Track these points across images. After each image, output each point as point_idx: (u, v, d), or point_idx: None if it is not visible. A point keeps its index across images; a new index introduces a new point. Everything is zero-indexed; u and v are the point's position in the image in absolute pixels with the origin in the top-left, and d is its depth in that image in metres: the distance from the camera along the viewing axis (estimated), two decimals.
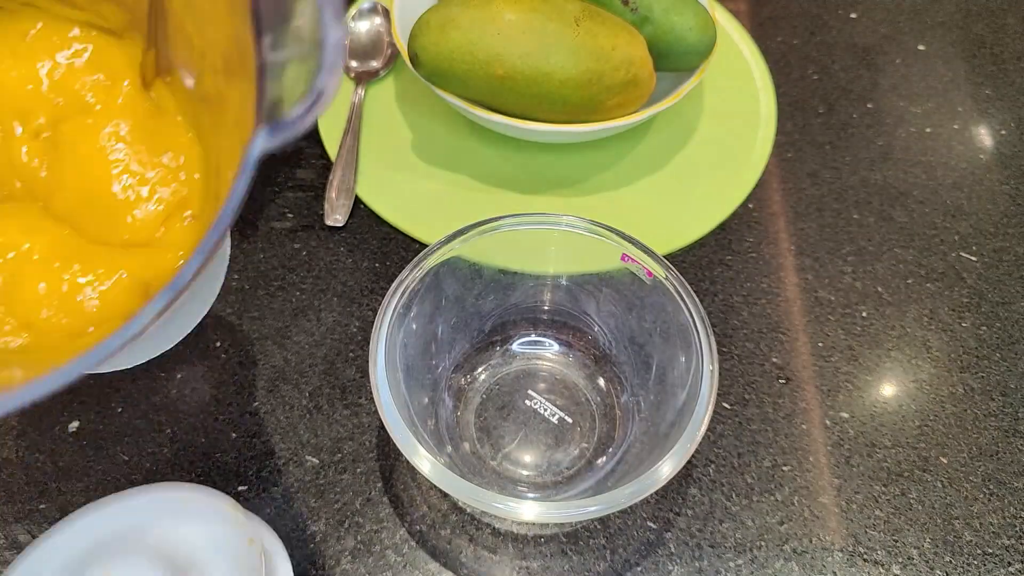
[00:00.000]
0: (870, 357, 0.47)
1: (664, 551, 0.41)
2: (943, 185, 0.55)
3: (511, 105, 0.49)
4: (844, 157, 0.56)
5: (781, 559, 0.40)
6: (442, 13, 0.48)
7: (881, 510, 0.42)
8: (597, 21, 0.48)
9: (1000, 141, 0.57)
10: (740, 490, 0.42)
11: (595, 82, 0.47)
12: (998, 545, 0.41)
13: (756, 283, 0.50)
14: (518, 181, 0.54)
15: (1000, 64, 0.62)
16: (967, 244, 0.52)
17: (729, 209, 0.53)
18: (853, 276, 0.50)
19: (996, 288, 0.50)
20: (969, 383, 0.46)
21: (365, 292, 0.49)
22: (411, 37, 0.49)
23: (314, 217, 0.52)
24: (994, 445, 0.44)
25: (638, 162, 0.55)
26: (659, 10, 0.51)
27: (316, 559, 0.40)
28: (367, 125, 0.56)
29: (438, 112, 0.57)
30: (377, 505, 0.41)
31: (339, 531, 0.41)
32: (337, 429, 0.44)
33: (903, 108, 0.59)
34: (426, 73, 0.49)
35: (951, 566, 0.41)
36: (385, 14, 0.60)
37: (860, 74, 0.61)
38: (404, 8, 0.54)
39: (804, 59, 0.62)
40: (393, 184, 0.53)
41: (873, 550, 0.41)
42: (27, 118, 0.35)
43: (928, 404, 0.46)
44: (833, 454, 0.44)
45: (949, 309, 0.49)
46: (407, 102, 0.58)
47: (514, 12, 0.47)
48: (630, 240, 0.40)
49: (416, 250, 0.51)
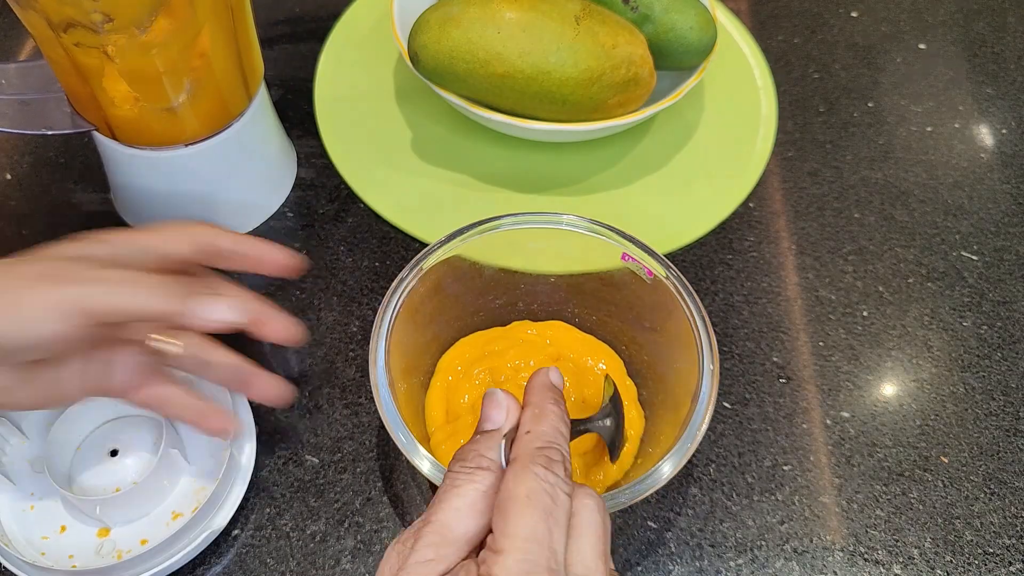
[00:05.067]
0: (871, 356, 0.47)
1: (664, 551, 0.41)
2: (944, 184, 0.55)
3: (511, 104, 0.49)
4: (845, 156, 0.56)
5: (782, 559, 0.40)
6: (442, 11, 0.48)
7: (882, 509, 0.42)
8: (597, 20, 0.48)
9: (1001, 140, 0.57)
10: (740, 490, 0.42)
11: (595, 81, 0.47)
12: (999, 544, 0.41)
13: (757, 282, 0.50)
14: (518, 180, 0.54)
15: (1001, 63, 0.62)
16: (968, 243, 0.52)
17: (729, 208, 0.53)
18: (854, 275, 0.50)
19: (997, 287, 0.50)
20: (970, 382, 0.46)
21: (365, 292, 0.49)
22: (411, 35, 0.49)
23: (314, 217, 0.52)
24: (995, 444, 0.44)
25: (638, 161, 0.55)
26: (659, 9, 0.51)
27: (316, 559, 0.40)
28: (367, 124, 0.56)
29: (438, 111, 0.57)
30: (377, 505, 0.41)
31: (339, 531, 0.41)
32: (337, 429, 0.44)
33: (904, 107, 0.59)
34: (426, 72, 0.49)
35: (952, 565, 0.41)
36: None
37: (861, 73, 0.61)
38: (403, 7, 0.54)
39: (805, 58, 0.62)
40: (393, 183, 0.53)
41: (874, 549, 0.41)
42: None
43: (929, 403, 0.46)
44: (834, 453, 0.44)
45: (950, 308, 0.49)
46: (407, 101, 0.57)
47: (514, 10, 0.47)
48: (630, 239, 0.40)
49: (416, 249, 0.50)
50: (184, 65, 0.41)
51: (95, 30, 0.38)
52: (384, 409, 0.35)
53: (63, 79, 0.43)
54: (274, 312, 0.36)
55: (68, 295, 0.31)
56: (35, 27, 0.39)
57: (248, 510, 0.41)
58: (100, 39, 0.38)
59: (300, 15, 0.63)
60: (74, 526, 0.40)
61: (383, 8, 0.62)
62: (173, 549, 0.38)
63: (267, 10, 0.62)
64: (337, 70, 0.59)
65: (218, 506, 0.39)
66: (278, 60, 0.59)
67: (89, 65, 0.40)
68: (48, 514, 0.40)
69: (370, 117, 0.57)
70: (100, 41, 0.38)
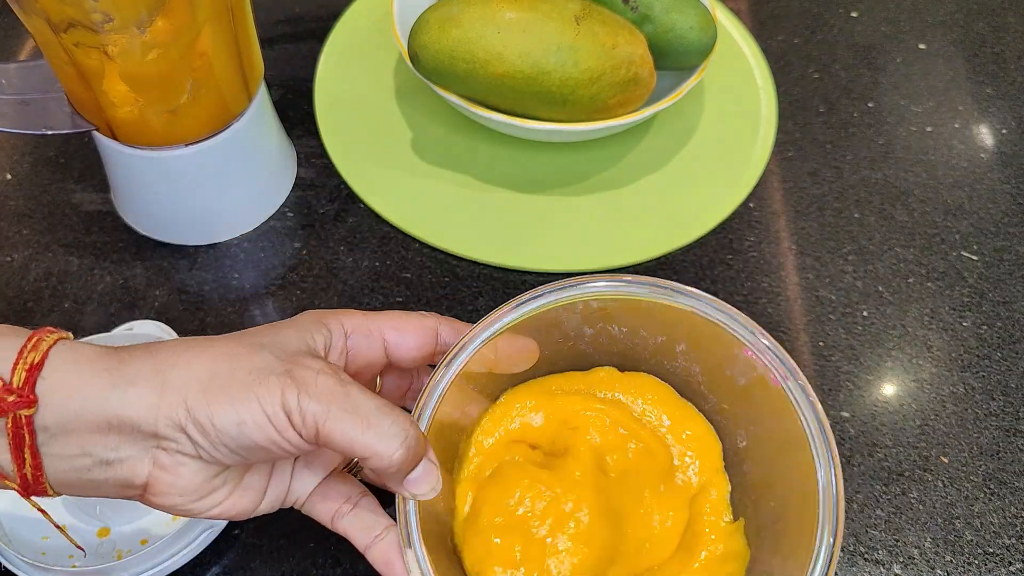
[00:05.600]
0: (871, 356, 0.47)
1: None
2: (944, 184, 0.55)
3: (511, 104, 0.49)
4: (845, 156, 0.56)
5: None
6: (442, 11, 0.48)
7: (882, 509, 0.42)
8: (597, 19, 0.48)
9: (1001, 140, 0.57)
10: None
11: (595, 81, 0.47)
12: (999, 544, 0.41)
13: (757, 282, 0.50)
14: (518, 180, 0.54)
15: (1001, 63, 0.62)
16: (968, 243, 0.52)
17: (730, 208, 0.53)
18: (854, 275, 0.50)
19: (997, 287, 0.50)
20: (970, 382, 0.46)
21: (365, 291, 0.49)
22: (411, 35, 0.49)
23: (314, 217, 0.52)
24: (995, 444, 0.44)
25: (638, 161, 0.55)
26: (659, 9, 0.51)
27: (316, 559, 0.40)
28: (367, 124, 0.56)
29: (438, 111, 0.57)
30: None
31: None
32: None
33: (904, 107, 0.59)
34: (426, 72, 0.49)
35: (952, 565, 0.41)
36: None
37: (861, 73, 0.61)
38: (403, 7, 0.54)
39: (805, 58, 0.62)
40: (393, 183, 0.53)
41: (874, 549, 0.41)
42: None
43: (929, 403, 0.46)
44: None
45: (950, 308, 0.49)
46: (407, 101, 0.58)
47: (514, 10, 0.47)
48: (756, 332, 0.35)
49: (416, 249, 0.51)
50: (184, 65, 0.41)
51: (95, 30, 0.38)
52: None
53: (63, 79, 0.43)
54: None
55: (311, 408, 0.27)
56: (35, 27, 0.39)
57: None
58: (100, 39, 0.38)
59: (300, 15, 0.63)
60: (74, 526, 0.40)
61: (383, 8, 0.62)
62: (173, 549, 0.38)
63: (267, 10, 0.62)
64: (337, 70, 0.59)
65: None
66: (278, 60, 0.59)
67: (89, 65, 0.40)
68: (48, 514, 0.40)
69: (370, 117, 0.57)
70: (100, 41, 0.38)
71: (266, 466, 0.32)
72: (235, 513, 0.31)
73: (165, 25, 0.39)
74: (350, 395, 0.28)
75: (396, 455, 0.28)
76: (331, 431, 0.28)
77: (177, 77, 0.41)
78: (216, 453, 0.28)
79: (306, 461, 0.33)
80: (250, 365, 0.28)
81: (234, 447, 0.28)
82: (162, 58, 0.40)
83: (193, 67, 0.42)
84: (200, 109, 0.44)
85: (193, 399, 0.27)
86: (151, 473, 0.28)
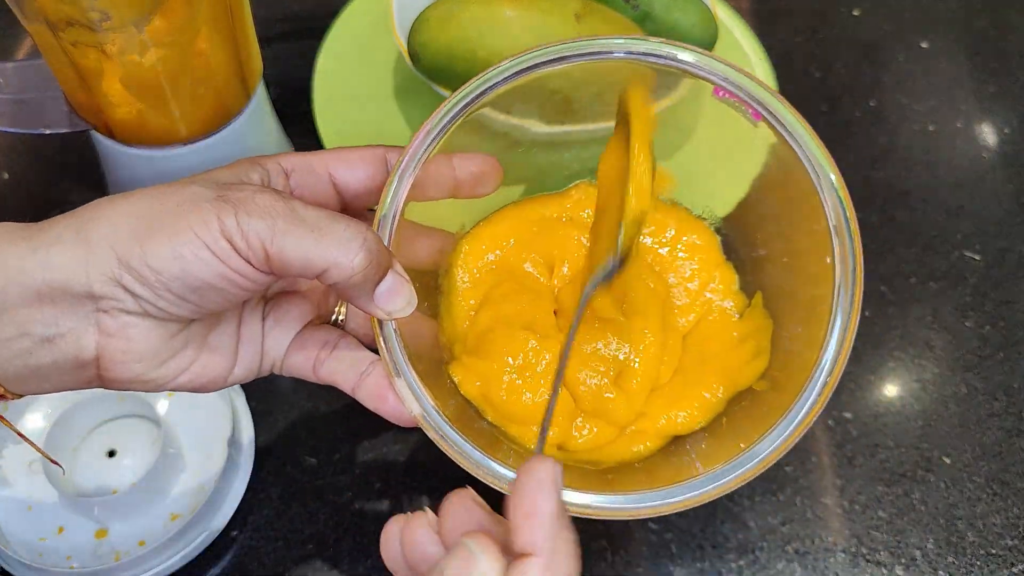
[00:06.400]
0: (873, 357, 0.47)
1: (665, 552, 0.40)
2: (946, 184, 0.55)
3: None
4: (846, 155, 0.56)
5: (783, 560, 0.40)
6: (442, 9, 0.48)
7: (884, 511, 0.42)
8: (598, 18, 0.48)
9: (1003, 139, 0.57)
10: (742, 490, 0.42)
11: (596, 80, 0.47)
12: (1001, 546, 0.41)
13: None
14: (517, 179, 0.53)
15: (1004, 61, 0.62)
16: (970, 243, 0.52)
17: (729, 208, 0.53)
18: None
19: (999, 287, 0.50)
20: (972, 383, 0.46)
21: None
22: (411, 34, 0.49)
23: None
24: (997, 445, 0.44)
25: None
26: (660, 6, 0.51)
27: (314, 560, 0.40)
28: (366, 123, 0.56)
29: None
30: (376, 505, 0.41)
31: (338, 531, 0.41)
32: (335, 430, 0.43)
33: (906, 106, 0.59)
34: (425, 71, 0.49)
35: (954, 567, 0.40)
36: None
37: (863, 71, 0.61)
38: (403, 5, 0.53)
39: (806, 56, 0.62)
40: None
41: (876, 551, 0.41)
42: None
43: (931, 404, 0.45)
44: (836, 454, 0.43)
45: (952, 308, 0.49)
46: (406, 100, 0.57)
47: (514, 8, 0.47)
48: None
49: None
50: (182, 64, 0.41)
51: (93, 28, 0.37)
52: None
53: (61, 78, 0.43)
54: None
55: (253, 227, 0.25)
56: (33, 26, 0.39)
57: (247, 511, 0.41)
58: (98, 38, 0.38)
59: (299, 13, 0.63)
60: (72, 527, 0.39)
61: (382, 7, 0.61)
62: (171, 550, 0.38)
63: (266, 8, 0.62)
64: (336, 69, 0.59)
65: (217, 507, 0.39)
66: (277, 59, 0.59)
67: (87, 65, 0.39)
68: (46, 515, 0.40)
69: (369, 116, 0.56)
70: (98, 40, 0.38)
71: (232, 323, 0.29)
72: (207, 380, 0.28)
73: (163, 24, 0.39)
74: (294, 209, 0.26)
75: (357, 259, 0.26)
76: (281, 248, 0.25)
77: (175, 75, 0.41)
78: (163, 303, 0.25)
79: (275, 317, 0.31)
80: (178, 198, 0.26)
81: (179, 290, 0.25)
82: (160, 57, 0.40)
83: (191, 66, 0.41)
84: (198, 108, 0.44)
85: (122, 246, 0.25)
86: (99, 343, 0.26)
